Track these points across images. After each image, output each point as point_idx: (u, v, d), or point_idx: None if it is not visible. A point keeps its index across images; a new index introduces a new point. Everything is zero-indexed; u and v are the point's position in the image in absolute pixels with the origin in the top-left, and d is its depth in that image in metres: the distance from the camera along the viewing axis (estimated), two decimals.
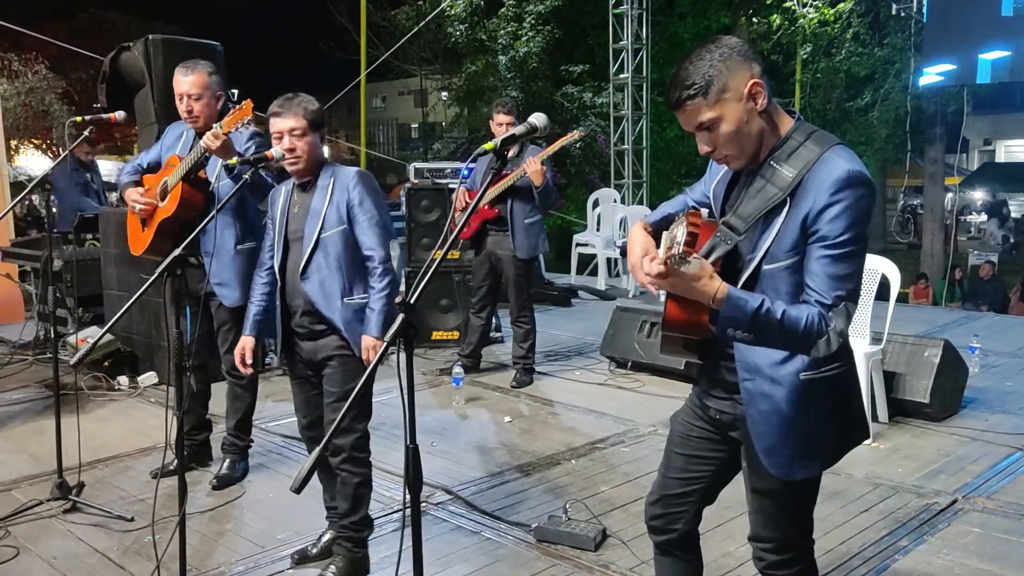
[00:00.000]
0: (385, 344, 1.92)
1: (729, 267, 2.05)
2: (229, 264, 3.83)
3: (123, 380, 5.81)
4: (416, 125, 31.96)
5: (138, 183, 4.08)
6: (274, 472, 4.31)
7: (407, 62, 19.46)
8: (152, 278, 2.67)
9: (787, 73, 15.92)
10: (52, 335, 4.34)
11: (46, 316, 6.82)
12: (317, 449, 1.79)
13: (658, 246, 2.12)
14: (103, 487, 4.15)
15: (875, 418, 4.85)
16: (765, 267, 2.01)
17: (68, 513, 3.82)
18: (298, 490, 1.76)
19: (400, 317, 1.89)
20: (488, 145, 2.05)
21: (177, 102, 3.92)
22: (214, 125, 3.62)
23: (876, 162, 18.71)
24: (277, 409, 5.32)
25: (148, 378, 5.84)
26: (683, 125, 2.03)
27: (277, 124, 3.08)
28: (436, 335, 6.87)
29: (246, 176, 3.05)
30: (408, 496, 2.00)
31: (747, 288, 2.01)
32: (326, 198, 3.14)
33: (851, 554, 3.40)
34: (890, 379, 4.98)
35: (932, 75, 10.93)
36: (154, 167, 4.12)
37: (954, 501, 3.89)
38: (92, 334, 6.13)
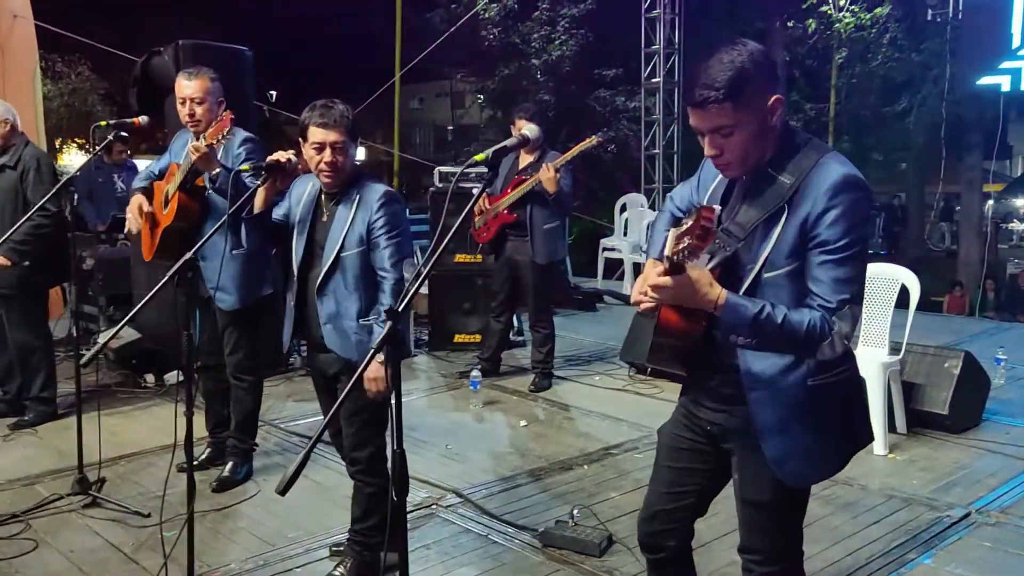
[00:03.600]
0: (372, 354, 1.92)
1: (729, 276, 2.04)
2: (224, 269, 3.86)
3: (150, 378, 5.95)
4: (451, 128, 32.05)
5: (147, 189, 4.20)
6: None
7: (442, 65, 19.57)
8: (162, 282, 2.75)
9: (822, 78, 15.77)
10: (73, 333, 4.44)
11: (78, 314, 6.99)
12: (303, 453, 1.83)
13: None
14: (124, 483, 4.25)
15: (893, 429, 4.82)
16: (765, 275, 2.01)
17: (88, 508, 3.92)
18: (283, 492, 1.80)
19: (387, 324, 1.92)
20: (479, 156, 2.09)
21: (179, 106, 3.98)
22: (200, 137, 3.70)
23: (914, 168, 18.45)
24: (297, 409, 5.41)
25: (174, 376, 5.96)
26: (697, 124, 2.00)
27: (318, 135, 2.99)
28: (458, 338, 6.93)
29: (259, 183, 3.09)
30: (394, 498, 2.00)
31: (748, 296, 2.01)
32: (349, 216, 3.08)
33: (857, 566, 3.38)
34: (909, 390, 4.93)
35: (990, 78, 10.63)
36: (165, 174, 4.22)
37: (967, 514, 3.85)
38: (122, 332, 6.27)
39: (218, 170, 3.71)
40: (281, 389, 5.86)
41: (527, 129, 2.18)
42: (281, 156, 3.06)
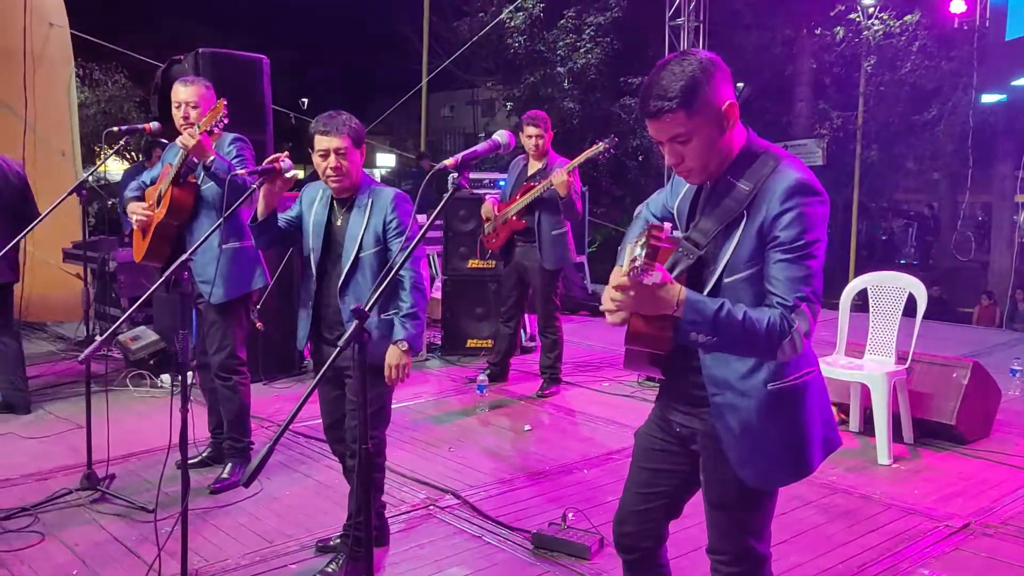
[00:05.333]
0: (337, 352, 1.97)
1: (693, 282, 2.09)
2: (212, 263, 3.93)
3: (165, 378, 6.06)
4: (483, 135, 32.24)
5: (140, 198, 4.30)
6: (293, 471, 4.46)
7: (469, 72, 19.69)
8: (157, 283, 2.83)
9: (851, 85, 15.62)
10: (87, 333, 4.56)
11: (102, 315, 7.16)
12: (268, 445, 1.89)
13: None
14: (132, 479, 4.34)
15: (900, 439, 4.79)
16: (726, 280, 2.05)
17: (96, 503, 4.03)
18: (247, 484, 1.85)
19: (354, 323, 1.97)
20: (448, 160, 2.13)
21: (175, 111, 4.11)
22: (195, 126, 3.82)
23: (946, 178, 18.20)
24: (306, 410, 5.45)
25: (189, 377, 6.06)
26: (655, 134, 2.05)
27: (322, 142, 3.15)
28: (471, 343, 6.99)
29: (255, 186, 3.17)
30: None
31: None
32: (364, 220, 3.23)
33: (848, 574, 3.37)
34: (917, 400, 4.89)
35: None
36: (156, 181, 4.33)
37: (966, 525, 3.82)
38: (141, 333, 6.41)
39: (212, 157, 3.81)
40: (292, 390, 5.95)
41: (498, 134, 2.23)
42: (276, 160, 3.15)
